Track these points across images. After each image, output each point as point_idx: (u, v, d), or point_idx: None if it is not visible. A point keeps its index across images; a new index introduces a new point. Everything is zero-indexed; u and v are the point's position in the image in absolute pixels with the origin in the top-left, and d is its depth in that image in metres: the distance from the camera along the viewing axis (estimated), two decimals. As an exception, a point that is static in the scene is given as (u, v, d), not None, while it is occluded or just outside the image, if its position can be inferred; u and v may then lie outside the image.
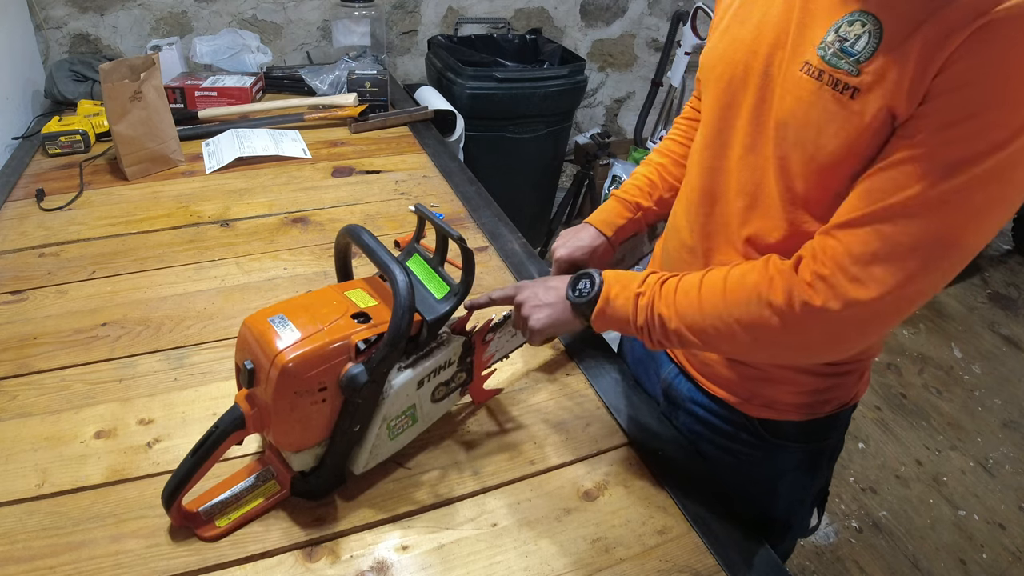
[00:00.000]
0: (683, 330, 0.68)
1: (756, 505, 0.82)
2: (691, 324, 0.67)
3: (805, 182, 0.65)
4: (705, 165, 0.77)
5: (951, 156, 0.54)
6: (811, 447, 0.84)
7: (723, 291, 0.66)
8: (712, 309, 0.66)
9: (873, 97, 0.57)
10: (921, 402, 2.26)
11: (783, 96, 0.65)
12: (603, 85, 3.07)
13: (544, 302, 0.78)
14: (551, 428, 0.85)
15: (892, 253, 0.57)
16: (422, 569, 0.68)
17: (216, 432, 0.65)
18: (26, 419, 0.82)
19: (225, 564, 0.67)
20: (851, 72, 0.59)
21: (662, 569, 0.69)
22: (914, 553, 1.74)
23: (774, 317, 0.62)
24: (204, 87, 1.74)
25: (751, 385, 0.79)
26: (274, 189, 1.41)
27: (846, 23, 0.60)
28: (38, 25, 1.99)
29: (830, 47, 0.60)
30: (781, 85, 0.65)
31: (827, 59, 0.60)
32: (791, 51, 0.64)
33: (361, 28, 2.08)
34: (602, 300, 0.73)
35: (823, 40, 0.61)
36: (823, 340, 0.62)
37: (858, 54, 0.58)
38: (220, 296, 1.07)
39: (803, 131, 0.63)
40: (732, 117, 0.72)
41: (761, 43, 0.67)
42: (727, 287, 0.66)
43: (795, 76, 0.63)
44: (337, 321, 0.66)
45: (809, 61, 0.62)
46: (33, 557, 0.66)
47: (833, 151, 0.61)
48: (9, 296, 1.05)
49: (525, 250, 1.22)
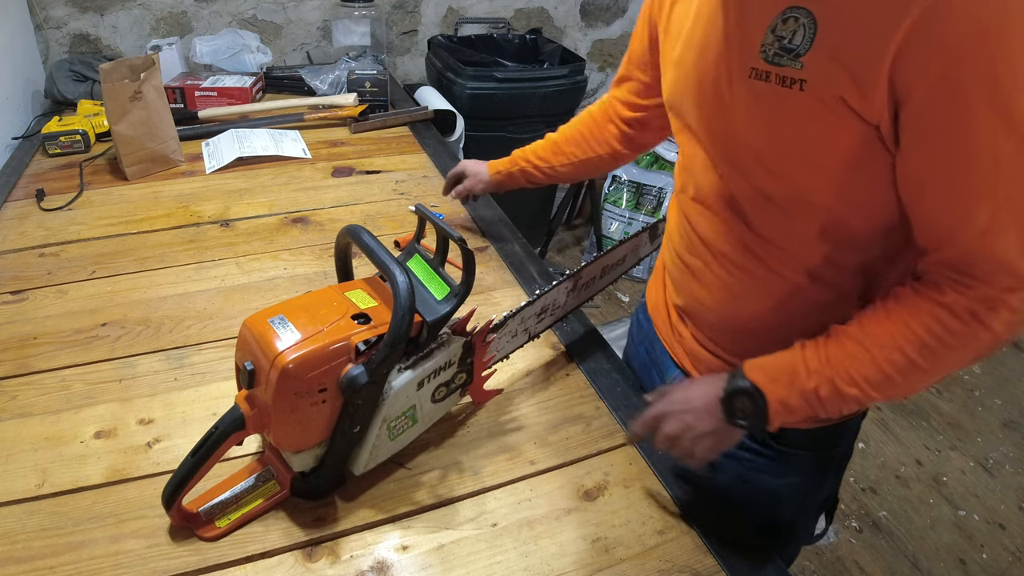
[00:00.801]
0: (873, 394, 0.64)
1: (762, 511, 0.82)
2: (878, 384, 0.63)
3: (779, 184, 0.67)
4: (685, 186, 0.79)
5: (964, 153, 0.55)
6: (819, 454, 0.83)
7: (896, 340, 0.62)
8: (896, 367, 0.62)
9: (821, 86, 0.59)
10: (921, 402, 2.26)
11: (740, 106, 0.66)
12: (603, 85, 3.07)
13: (703, 431, 0.70)
14: (551, 428, 0.85)
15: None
16: (422, 569, 0.68)
17: (216, 433, 0.65)
18: (26, 419, 0.82)
19: (225, 564, 0.67)
20: (794, 66, 0.60)
21: (662, 569, 0.69)
22: (914, 553, 1.74)
23: (971, 344, 0.61)
24: (204, 87, 1.74)
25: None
26: (274, 189, 1.41)
27: (780, 22, 0.61)
28: (38, 25, 1.99)
29: (771, 47, 0.62)
30: (736, 96, 0.66)
31: (770, 60, 0.62)
32: (737, 63, 0.65)
33: (361, 28, 2.08)
34: (777, 413, 0.67)
35: (763, 43, 0.62)
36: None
37: (797, 47, 0.60)
38: (220, 296, 1.07)
39: (766, 134, 0.64)
40: (698, 138, 0.74)
41: (707, 63, 0.69)
42: (897, 338, 0.62)
43: (746, 84, 0.64)
44: (337, 322, 0.66)
45: (756, 67, 0.63)
46: (33, 557, 0.66)
47: (795, 144, 0.63)
48: (9, 296, 1.05)
49: (525, 250, 1.22)
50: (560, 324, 0.98)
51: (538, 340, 0.95)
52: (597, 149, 1.03)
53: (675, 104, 0.77)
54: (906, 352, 0.61)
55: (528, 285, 1.12)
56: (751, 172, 0.68)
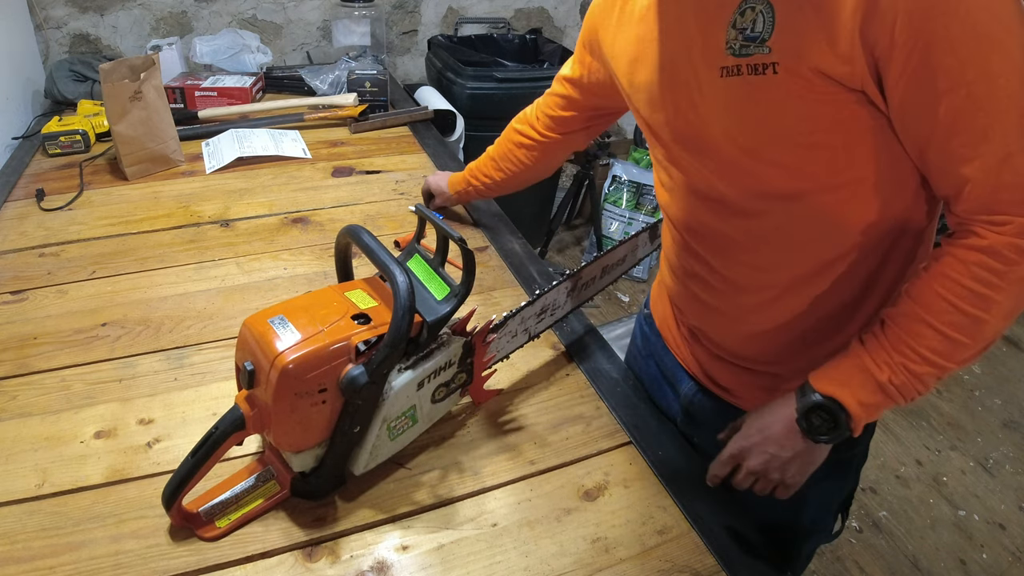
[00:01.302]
0: (947, 364, 0.63)
1: (783, 514, 0.81)
2: (947, 353, 0.63)
3: (776, 168, 0.66)
4: (664, 190, 0.80)
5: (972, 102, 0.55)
6: (840, 456, 0.83)
7: (949, 299, 0.61)
8: (958, 327, 0.61)
9: (793, 63, 0.59)
10: (921, 402, 2.26)
11: (717, 108, 0.66)
12: (603, 85, 3.07)
13: (788, 457, 0.70)
14: (551, 428, 0.85)
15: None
16: (422, 569, 0.68)
17: (216, 433, 0.65)
18: (26, 419, 0.82)
19: (225, 564, 0.67)
20: (762, 51, 0.60)
21: (662, 569, 0.69)
22: (914, 553, 1.74)
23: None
24: (204, 87, 1.74)
25: (776, 395, 0.78)
26: (274, 189, 1.41)
27: (738, 15, 0.62)
28: (38, 25, 1.99)
29: (735, 41, 0.62)
30: (711, 99, 0.66)
31: (737, 53, 0.62)
32: (704, 67, 0.66)
33: (361, 28, 2.08)
34: (859, 418, 0.65)
35: (727, 39, 0.63)
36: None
37: (760, 33, 0.60)
38: (220, 296, 1.07)
39: (751, 125, 0.64)
40: (680, 149, 0.73)
41: (673, 78, 0.69)
42: (949, 297, 0.61)
43: (716, 83, 0.65)
44: (337, 322, 0.66)
45: (725, 65, 0.63)
46: (33, 557, 0.66)
47: (784, 128, 0.63)
48: (9, 296, 1.05)
49: (525, 250, 1.22)
50: (560, 324, 0.98)
51: (538, 340, 0.95)
52: (524, 160, 1.10)
53: (653, 125, 0.76)
54: (963, 309, 0.60)
55: (528, 285, 1.12)
56: (746, 173, 0.68)
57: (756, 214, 0.70)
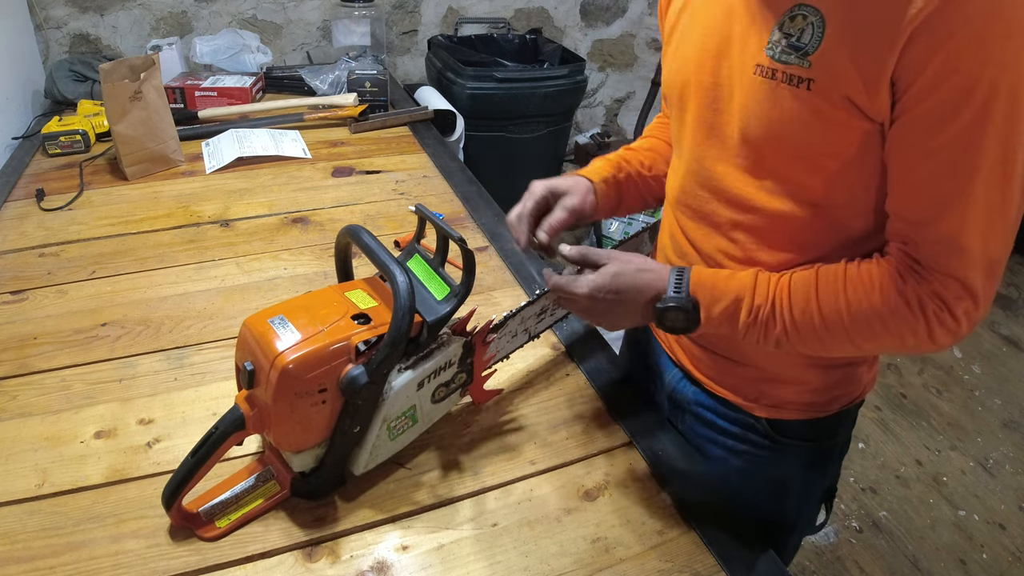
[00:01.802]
0: (791, 333, 0.65)
1: (766, 505, 0.82)
2: (800, 326, 0.65)
3: (773, 177, 0.67)
4: (677, 178, 0.79)
5: (977, 141, 0.55)
6: (820, 445, 0.84)
7: (841, 298, 0.64)
8: (826, 320, 0.64)
9: (828, 85, 0.59)
10: (921, 402, 2.26)
11: (741, 102, 0.66)
12: (603, 85, 3.07)
13: (615, 319, 0.71)
14: (551, 428, 0.85)
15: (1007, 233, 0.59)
16: (422, 569, 0.68)
17: (216, 433, 0.65)
18: (26, 419, 0.82)
19: (225, 564, 0.67)
20: (802, 64, 0.60)
21: (662, 569, 0.69)
22: (914, 553, 1.74)
23: (918, 342, 0.63)
24: (204, 87, 1.74)
25: (759, 386, 0.79)
26: (274, 189, 1.41)
27: (788, 19, 0.61)
28: (38, 25, 1.99)
29: (778, 45, 0.61)
30: (738, 92, 0.66)
31: (777, 57, 0.62)
32: (739, 58, 0.65)
33: (361, 28, 2.08)
34: (703, 327, 0.67)
35: (770, 40, 0.62)
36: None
37: (805, 46, 0.60)
38: (220, 296, 1.07)
39: (768, 130, 0.64)
40: (694, 131, 0.73)
41: (705, 56, 0.69)
42: (845, 296, 0.63)
43: (749, 80, 0.64)
44: (337, 322, 0.66)
45: (761, 63, 0.63)
46: (33, 557, 0.66)
47: (797, 142, 0.63)
48: (9, 296, 1.05)
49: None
50: (560, 324, 0.98)
51: (538, 340, 0.95)
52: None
53: (667, 97, 0.77)
54: (844, 312, 0.63)
55: (528, 285, 1.12)
56: (743, 169, 0.69)
57: (745, 209, 0.71)
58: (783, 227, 0.69)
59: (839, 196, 0.65)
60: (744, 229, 0.71)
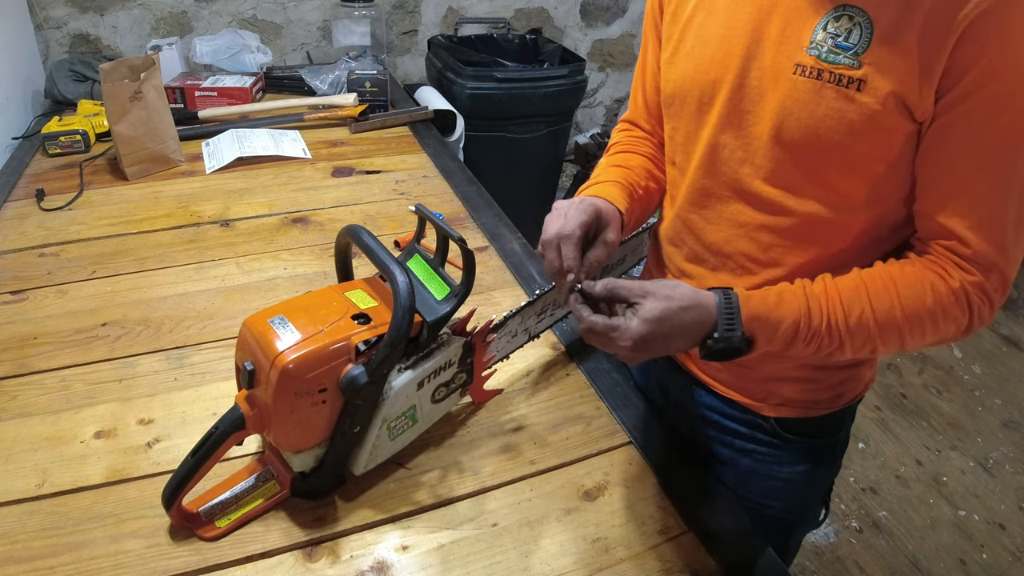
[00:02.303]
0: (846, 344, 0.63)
1: (773, 502, 0.82)
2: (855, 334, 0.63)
3: (805, 177, 0.66)
4: (689, 182, 0.76)
5: (1013, 141, 0.56)
6: (825, 441, 0.84)
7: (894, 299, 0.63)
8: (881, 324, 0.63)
9: (880, 85, 0.58)
10: (921, 402, 2.26)
11: (775, 102, 0.64)
12: (603, 85, 3.07)
13: (655, 356, 0.64)
14: (551, 428, 0.85)
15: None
16: (422, 569, 0.68)
17: (216, 433, 0.65)
18: (26, 419, 0.82)
19: (225, 564, 0.67)
20: (852, 65, 0.59)
21: (662, 569, 0.69)
22: (914, 553, 1.74)
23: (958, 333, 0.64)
24: (204, 87, 1.74)
25: (767, 385, 0.79)
26: (274, 189, 1.41)
27: (832, 19, 0.60)
28: (38, 25, 1.99)
29: (823, 44, 0.60)
30: (771, 93, 0.65)
31: (823, 57, 0.60)
32: (773, 59, 0.64)
33: (361, 28, 2.08)
34: (751, 355, 0.64)
35: (812, 40, 0.61)
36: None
37: (855, 46, 0.59)
38: (220, 296, 1.07)
39: (809, 130, 0.63)
40: (715, 133, 0.71)
41: (731, 57, 0.67)
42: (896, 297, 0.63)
43: (788, 80, 0.63)
44: (337, 322, 0.66)
45: (802, 63, 0.62)
46: (33, 557, 0.66)
47: (841, 143, 0.62)
48: (9, 296, 1.05)
49: (525, 250, 1.22)
50: (560, 324, 0.98)
51: (538, 340, 0.95)
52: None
53: (680, 98, 0.74)
54: (900, 317, 0.62)
55: (528, 285, 1.12)
56: (775, 169, 0.67)
57: (773, 211, 0.69)
58: (812, 228, 0.68)
59: (875, 198, 0.64)
60: (771, 230, 0.70)
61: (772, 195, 0.69)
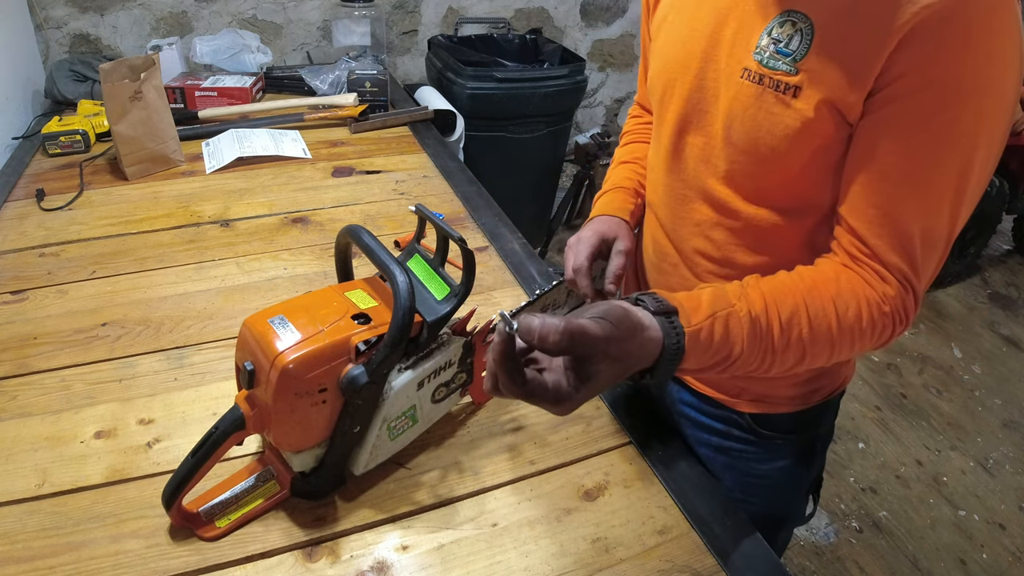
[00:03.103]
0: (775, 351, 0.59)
1: (754, 499, 0.82)
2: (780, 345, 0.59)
3: (752, 181, 0.67)
4: (658, 177, 0.79)
5: (938, 151, 0.56)
6: (804, 436, 0.85)
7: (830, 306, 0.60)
8: (815, 331, 0.59)
9: (814, 92, 0.58)
10: (921, 402, 2.26)
11: (726, 104, 0.66)
12: (603, 85, 3.07)
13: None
14: (551, 428, 0.85)
15: (933, 243, 0.59)
16: (422, 569, 0.68)
17: (216, 433, 0.65)
18: (26, 419, 0.82)
19: (225, 564, 0.67)
20: (789, 72, 0.60)
21: (662, 569, 0.69)
22: (914, 553, 1.74)
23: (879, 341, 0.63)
24: (204, 87, 1.74)
25: (741, 382, 0.80)
26: (274, 189, 1.41)
27: (777, 24, 0.61)
28: (38, 25, 1.99)
29: (766, 50, 0.61)
30: (723, 94, 0.66)
31: (765, 63, 0.61)
32: (726, 61, 0.65)
33: (361, 28, 2.08)
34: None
35: (758, 45, 0.62)
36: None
37: (793, 53, 0.59)
38: (220, 296, 1.07)
39: (749, 134, 0.64)
40: (677, 131, 0.73)
41: (692, 58, 0.69)
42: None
43: (736, 84, 0.64)
44: (337, 322, 0.66)
45: (748, 67, 0.63)
46: (33, 557, 0.66)
47: (779, 148, 0.62)
48: (9, 296, 1.05)
49: (525, 250, 1.22)
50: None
51: (538, 340, 0.95)
52: None
53: (652, 93, 0.77)
54: (832, 320, 0.59)
55: (528, 285, 1.12)
56: (727, 169, 0.69)
57: (725, 211, 0.71)
58: (760, 230, 0.69)
59: (818, 204, 0.65)
60: (724, 229, 0.72)
61: (724, 195, 0.70)
